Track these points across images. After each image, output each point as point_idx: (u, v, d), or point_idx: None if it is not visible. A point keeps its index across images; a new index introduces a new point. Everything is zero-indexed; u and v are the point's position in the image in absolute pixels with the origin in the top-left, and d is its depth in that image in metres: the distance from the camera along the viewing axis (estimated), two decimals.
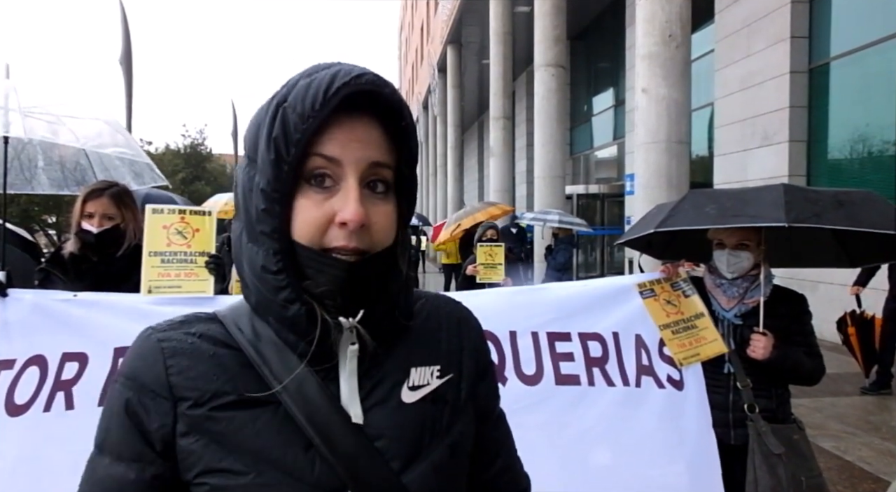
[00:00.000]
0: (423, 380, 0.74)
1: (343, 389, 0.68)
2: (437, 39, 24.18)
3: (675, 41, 5.90)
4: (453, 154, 22.98)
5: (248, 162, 0.68)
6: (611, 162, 16.00)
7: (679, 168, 5.96)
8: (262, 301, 0.68)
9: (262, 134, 0.65)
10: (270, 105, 0.66)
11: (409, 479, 0.69)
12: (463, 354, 0.80)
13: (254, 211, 0.66)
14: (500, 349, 2.13)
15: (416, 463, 0.70)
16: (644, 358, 2.19)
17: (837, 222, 1.87)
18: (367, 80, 0.64)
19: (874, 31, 7.46)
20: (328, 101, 0.62)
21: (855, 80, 7.92)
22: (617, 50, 14.01)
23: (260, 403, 0.66)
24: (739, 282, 2.27)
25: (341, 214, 0.64)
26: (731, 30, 9.51)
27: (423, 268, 18.40)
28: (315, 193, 0.66)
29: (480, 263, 4.41)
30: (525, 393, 2.10)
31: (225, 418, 0.65)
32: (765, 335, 2.14)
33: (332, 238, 0.65)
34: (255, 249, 0.66)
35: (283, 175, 0.64)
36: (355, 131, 0.66)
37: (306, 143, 0.63)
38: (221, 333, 0.71)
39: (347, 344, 0.68)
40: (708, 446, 2.11)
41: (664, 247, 2.65)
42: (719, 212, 2.05)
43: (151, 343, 0.69)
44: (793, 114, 8.43)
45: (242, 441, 0.65)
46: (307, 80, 0.65)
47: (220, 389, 0.66)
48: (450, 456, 0.73)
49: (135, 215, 2.34)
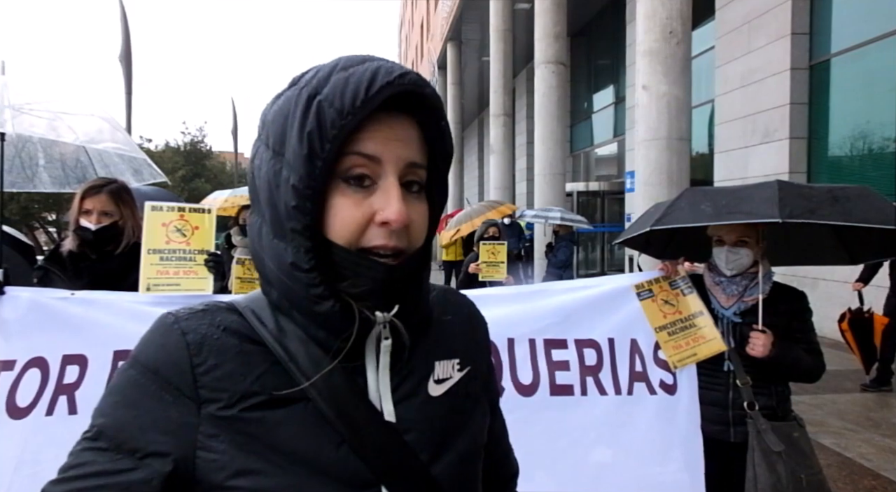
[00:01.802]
0: (447, 373, 0.76)
1: (371, 384, 0.68)
2: (437, 36, 24.14)
3: (675, 38, 5.88)
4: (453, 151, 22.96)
5: (273, 154, 0.65)
6: (611, 159, 15.98)
7: (679, 165, 5.96)
8: (289, 297, 0.66)
9: (292, 126, 0.63)
10: (300, 96, 0.63)
11: (438, 471, 0.70)
12: (477, 347, 0.83)
13: (282, 207, 0.63)
14: (497, 358, 2.15)
15: (444, 455, 0.71)
16: (638, 364, 2.22)
17: (832, 218, 1.87)
18: (409, 80, 0.63)
19: (875, 27, 7.44)
20: (371, 99, 0.61)
21: (856, 77, 7.90)
22: (617, 47, 13.98)
23: (289, 401, 0.65)
24: (739, 279, 2.27)
25: (384, 214, 0.63)
26: (731, 26, 9.49)
27: None
28: (353, 191, 0.64)
29: (483, 262, 4.41)
30: (521, 404, 2.14)
31: (255, 418, 0.63)
32: (764, 333, 2.14)
33: (371, 237, 0.64)
34: (282, 246, 0.64)
35: (317, 172, 0.61)
36: (395, 130, 0.65)
37: (343, 140, 0.62)
38: (244, 325, 0.68)
39: (374, 339, 0.68)
40: (696, 446, 2.15)
41: (663, 246, 2.64)
42: (715, 209, 2.05)
43: (175, 334, 0.66)
44: (793, 111, 8.42)
45: (274, 441, 0.63)
46: (344, 74, 0.63)
47: (250, 389, 0.64)
48: (472, 446, 0.76)
49: (133, 212, 2.33)
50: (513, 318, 2.23)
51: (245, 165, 2.42)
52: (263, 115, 0.69)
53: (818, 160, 8.46)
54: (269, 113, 0.68)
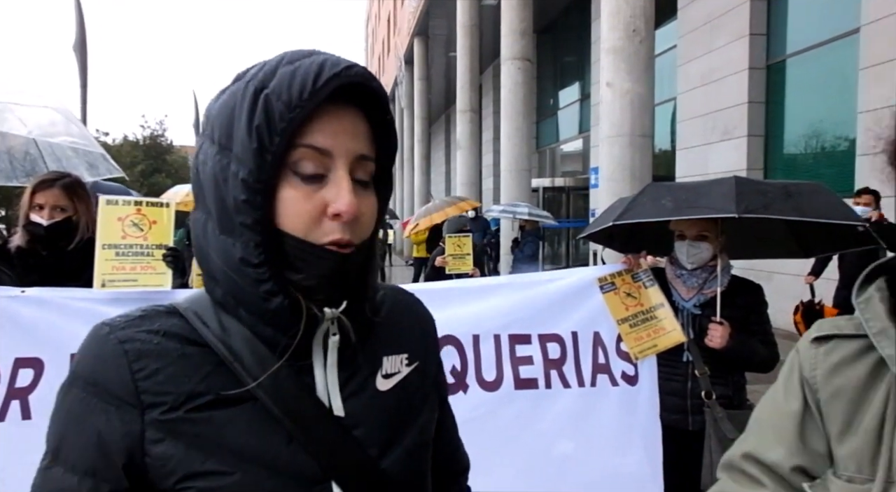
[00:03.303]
0: (395, 368, 0.77)
1: (319, 381, 0.69)
2: (404, 31, 24.04)
3: (639, 36, 5.97)
4: (420, 147, 22.91)
5: (219, 149, 0.65)
6: (576, 155, 16.17)
7: (642, 161, 6.06)
8: (236, 294, 0.66)
9: (238, 120, 0.63)
10: (246, 90, 0.63)
11: (387, 465, 0.71)
12: (425, 342, 0.84)
13: (231, 202, 0.63)
14: (462, 355, 2.17)
15: (393, 449, 0.72)
16: (601, 356, 2.27)
17: (785, 213, 1.94)
18: (356, 72, 0.64)
19: (827, 30, 7.69)
20: (318, 91, 0.61)
21: (809, 77, 8.16)
22: (583, 44, 14.14)
23: (237, 400, 0.64)
24: (699, 272, 2.33)
25: (336, 206, 0.64)
26: (693, 26, 9.69)
27: (391, 261, 18.34)
28: (304, 184, 0.64)
29: (449, 255, 4.43)
30: (485, 400, 2.17)
31: (203, 419, 0.63)
32: (722, 325, 2.20)
33: (326, 231, 0.65)
34: (229, 242, 0.64)
35: (267, 165, 0.61)
36: (344, 123, 0.66)
37: (292, 132, 0.62)
38: (185, 328, 0.67)
39: (321, 336, 0.68)
40: (655, 435, 2.22)
41: (626, 240, 2.69)
42: (675, 204, 2.10)
43: (111, 344, 0.64)
44: (751, 109, 8.65)
45: (223, 441, 0.63)
46: (290, 67, 0.63)
47: (195, 389, 0.64)
48: (421, 440, 0.77)
49: (88, 208, 2.26)
50: (478, 314, 2.25)
51: None
52: (208, 111, 0.69)
53: (774, 157, 8.71)
54: (214, 108, 0.67)
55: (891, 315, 0.74)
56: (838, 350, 0.80)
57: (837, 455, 0.76)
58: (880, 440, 0.72)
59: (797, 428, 0.80)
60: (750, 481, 0.82)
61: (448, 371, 2.15)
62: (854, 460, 0.74)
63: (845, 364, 0.78)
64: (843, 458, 0.75)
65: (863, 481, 0.72)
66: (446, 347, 2.16)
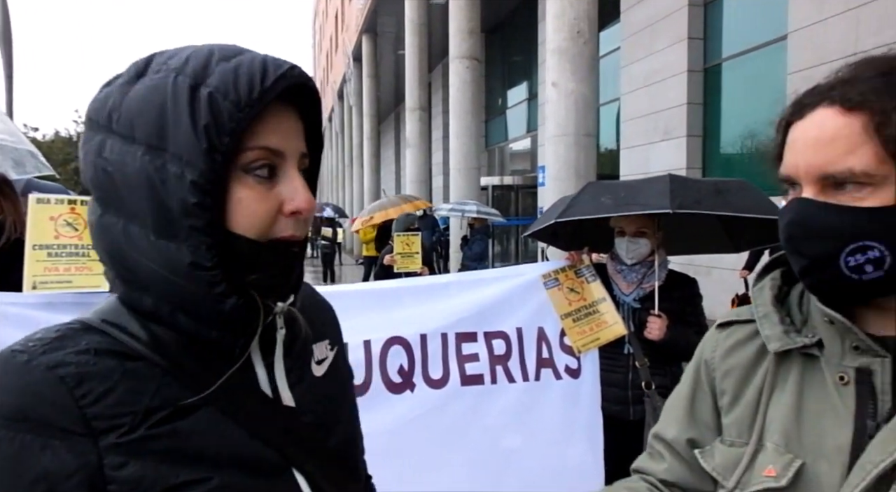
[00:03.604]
0: (323, 354, 0.81)
1: (260, 374, 0.70)
2: (352, 28, 23.80)
3: (583, 37, 6.12)
4: (369, 145, 22.75)
5: (147, 149, 0.61)
6: (525, 154, 16.40)
7: (587, 160, 6.21)
8: (176, 300, 0.63)
9: (176, 119, 0.60)
10: (177, 85, 0.61)
11: (333, 444, 0.75)
12: (336, 327, 0.89)
13: (176, 205, 0.60)
14: (410, 355, 2.20)
15: (335, 430, 0.77)
16: (545, 351, 2.33)
17: (716, 208, 2.05)
18: (299, 73, 0.65)
19: (758, 35, 8.06)
20: (267, 91, 0.61)
21: (743, 80, 8.53)
22: (530, 44, 14.34)
23: (193, 408, 0.64)
24: (638, 268, 2.42)
25: (294, 204, 0.65)
26: (635, 29, 9.97)
27: (340, 260, 18.16)
28: (258, 183, 0.64)
29: (398, 253, 4.44)
30: (432, 397, 2.20)
31: (166, 433, 0.61)
32: (660, 317, 2.29)
33: (281, 228, 0.65)
34: (172, 246, 0.61)
35: (217, 166, 0.60)
36: (290, 122, 0.67)
37: (241, 132, 0.61)
38: (114, 343, 0.63)
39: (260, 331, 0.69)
40: (597, 426, 2.30)
41: (569, 238, 2.77)
42: (614, 202, 2.18)
43: (39, 373, 0.58)
44: (690, 110, 8.98)
45: (192, 450, 0.62)
46: (228, 64, 0.62)
47: (150, 405, 0.61)
48: (354, 417, 0.84)
49: (16, 207, 2.15)
50: (426, 313, 2.28)
51: None
52: (111, 105, 0.63)
53: (712, 157, 9.07)
54: (123, 101, 0.62)
55: (775, 302, 0.84)
56: (735, 334, 0.90)
57: (724, 424, 0.87)
58: (757, 410, 0.83)
59: (687, 407, 0.92)
60: (656, 456, 0.95)
61: (395, 371, 2.17)
62: (736, 427, 0.85)
63: (739, 345, 0.89)
64: (727, 426, 0.86)
65: (741, 444, 0.83)
66: (394, 347, 2.18)
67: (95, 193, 0.65)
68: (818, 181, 0.72)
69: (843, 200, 0.70)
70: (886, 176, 0.68)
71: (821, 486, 0.74)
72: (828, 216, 0.71)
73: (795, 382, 0.80)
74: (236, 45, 0.67)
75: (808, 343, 0.79)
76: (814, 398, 0.78)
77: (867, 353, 0.74)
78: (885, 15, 5.53)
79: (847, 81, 0.72)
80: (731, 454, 0.83)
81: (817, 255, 0.72)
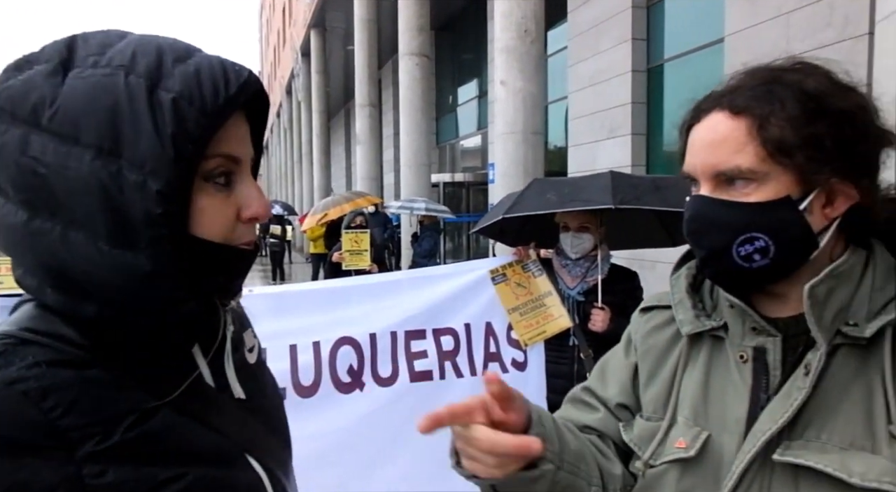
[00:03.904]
0: (251, 342, 0.83)
1: (203, 368, 0.71)
2: (300, 23, 23.40)
3: (530, 37, 6.21)
4: (319, 141, 22.44)
5: (97, 153, 0.56)
6: (476, 151, 16.51)
7: (535, 158, 6.31)
8: (127, 307, 0.61)
9: (135, 123, 0.57)
10: (130, 87, 0.57)
11: (273, 426, 0.79)
12: (247, 315, 0.90)
13: (138, 214, 0.57)
14: (360, 354, 2.21)
15: (272, 413, 0.81)
16: (492, 346, 2.39)
17: (654, 204, 2.14)
18: (256, 79, 0.65)
19: (698, 37, 8.36)
20: (233, 98, 0.61)
21: (684, 81, 8.84)
22: (479, 42, 14.44)
23: (155, 410, 0.63)
24: (582, 262, 2.49)
25: (253, 210, 0.67)
26: (581, 29, 10.18)
27: (290, 258, 17.87)
28: (217, 190, 0.64)
29: (346, 250, 4.41)
30: (381, 395, 2.22)
31: (139, 436, 0.61)
32: (603, 310, 2.37)
33: (240, 235, 0.67)
34: (129, 255, 0.58)
35: (184, 175, 0.59)
36: (243, 128, 0.68)
37: (206, 140, 0.60)
38: (56, 353, 0.60)
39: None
40: None
41: (516, 234, 2.82)
42: (559, 198, 2.24)
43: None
44: (634, 109, 9.24)
45: (165, 449, 0.63)
46: (184, 66, 0.60)
47: (119, 411, 0.60)
48: (281, 402, 0.87)
49: None
50: (376, 312, 2.29)
51: None
52: (37, 98, 0.58)
53: (655, 154, 9.36)
54: (56, 96, 0.58)
55: (690, 289, 0.92)
56: (655, 318, 0.99)
57: (643, 401, 0.94)
58: (671, 388, 0.90)
59: (630, 376, 0.98)
60: (587, 407, 1.00)
61: (345, 371, 2.18)
62: (652, 403, 0.92)
63: (658, 329, 0.97)
64: (646, 403, 0.93)
65: (657, 419, 0.90)
66: (344, 347, 2.18)
67: (18, 194, 0.59)
68: (712, 179, 0.80)
69: (733, 196, 0.78)
70: (768, 173, 0.76)
71: (723, 454, 0.82)
72: (720, 211, 0.79)
73: (704, 361, 0.88)
74: (179, 40, 0.65)
75: (715, 326, 0.87)
76: (719, 376, 0.86)
77: (762, 333, 0.82)
78: (812, 21, 5.84)
79: (736, 89, 0.81)
80: (647, 428, 0.91)
81: (713, 246, 0.80)
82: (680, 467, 0.85)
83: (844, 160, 0.74)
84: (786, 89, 0.76)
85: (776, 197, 0.75)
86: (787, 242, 0.76)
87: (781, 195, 0.75)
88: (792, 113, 0.74)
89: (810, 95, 0.75)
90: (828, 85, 0.76)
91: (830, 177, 0.75)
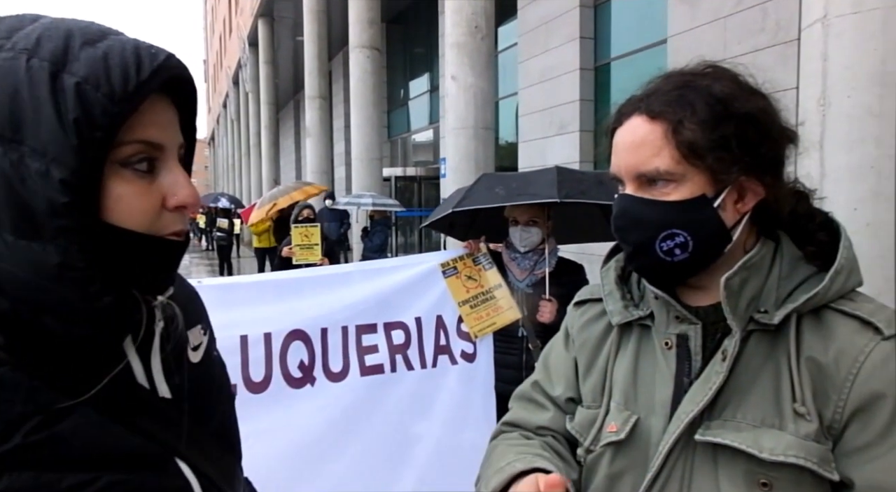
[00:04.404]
0: (198, 339, 0.79)
1: (135, 367, 0.67)
2: (247, 12, 22.79)
3: (480, 33, 6.27)
4: (267, 133, 21.98)
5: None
6: (427, 145, 16.51)
7: (486, 153, 6.39)
8: (40, 303, 0.59)
9: (37, 110, 0.55)
10: (31, 71, 0.55)
11: (213, 428, 0.75)
12: (204, 310, 0.87)
13: (42, 204, 0.55)
14: (310, 349, 2.20)
15: (214, 414, 0.77)
16: (442, 338, 2.42)
17: (598, 197, 2.22)
18: (177, 63, 0.62)
19: (643, 38, 8.62)
20: (145, 83, 0.57)
21: (630, 79, 9.05)
22: (431, 36, 14.44)
23: (69, 410, 0.59)
24: (530, 255, 2.55)
25: (179, 198, 0.63)
26: (531, 26, 10.32)
27: (238, 252, 17.48)
28: (137, 178, 0.61)
29: (296, 245, 4.36)
30: (332, 389, 2.23)
31: (44, 439, 0.57)
32: (550, 302, 2.44)
33: (167, 223, 0.63)
34: (36, 247, 0.57)
35: (89, 162, 0.56)
36: (167, 114, 0.64)
37: (117, 127, 0.57)
38: None
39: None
40: (490, 407, 2.42)
41: (466, 228, 2.87)
42: (507, 192, 2.30)
43: None
44: (582, 106, 9.44)
45: (74, 453, 0.58)
46: (93, 50, 0.57)
47: (23, 412, 0.57)
48: (230, 398, 0.84)
49: None
50: (327, 306, 2.29)
51: None
52: None
53: (602, 151, 9.60)
54: None
55: (619, 281, 0.98)
56: (588, 312, 1.03)
57: (583, 391, 1.00)
58: (605, 376, 0.96)
59: (573, 369, 1.03)
60: (538, 407, 1.04)
61: (296, 366, 2.17)
62: (591, 393, 0.98)
63: (592, 321, 1.02)
64: (585, 392, 0.99)
65: (595, 407, 0.96)
66: (295, 342, 2.18)
67: None
68: (635, 179, 0.85)
69: (655, 195, 0.83)
70: (684, 174, 0.81)
71: (651, 436, 0.88)
72: (643, 209, 0.84)
73: (633, 349, 0.94)
74: (95, 23, 0.62)
75: (642, 315, 0.94)
76: (647, 362, 0.92)
77: (684, 321, 0.89)
78: (747, 25, 6.12)
79: (652, 93, 0.85)
80: (587, 416, 0.96)
81: (638, 242, 0.85)
82: (612, 450, 0.91)
83: (750, 159, 0.81)
84: (696, 94, 0.81)
85: (692, 196, 0.81)
86: (705, 238, 0.82)
87: (697, 194, 0.81)
88: (702, 117, 0.80)
89: (718, 99, 0.80)
90: (734, 89, 0.82)
91: (739, 175, 0.81)
